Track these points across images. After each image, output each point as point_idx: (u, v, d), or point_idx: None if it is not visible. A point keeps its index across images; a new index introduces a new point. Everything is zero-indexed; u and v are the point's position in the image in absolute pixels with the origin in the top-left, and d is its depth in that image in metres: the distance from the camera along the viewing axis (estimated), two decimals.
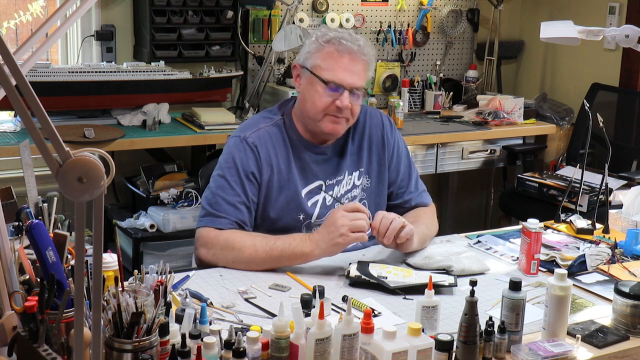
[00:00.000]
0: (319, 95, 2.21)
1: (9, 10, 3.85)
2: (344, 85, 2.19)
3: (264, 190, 2.24)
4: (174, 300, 1.76)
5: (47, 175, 1.85)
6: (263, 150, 2.25)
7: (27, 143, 1.62)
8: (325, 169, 2.33)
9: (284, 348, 1.51)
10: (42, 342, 1.37)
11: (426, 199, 2.48)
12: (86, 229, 1.21)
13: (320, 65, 2.21)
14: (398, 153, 2.44)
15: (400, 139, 2.47)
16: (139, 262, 3.44)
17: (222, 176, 2.23)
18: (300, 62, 2.27)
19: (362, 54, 2.22)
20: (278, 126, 2.31)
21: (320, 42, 2.22)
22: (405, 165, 2.45)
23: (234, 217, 2.18)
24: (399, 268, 2.08)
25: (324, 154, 2.33)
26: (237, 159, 2.23)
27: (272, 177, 2.25)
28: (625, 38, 2.42)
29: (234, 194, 2.20)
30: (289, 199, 2.26)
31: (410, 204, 2.44)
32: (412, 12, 4.61)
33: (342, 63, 2.20)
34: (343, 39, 2.21)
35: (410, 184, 2.45)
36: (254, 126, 2.30)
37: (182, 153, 3.95)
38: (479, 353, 1.62)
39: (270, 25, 4.15)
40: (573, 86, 4.64)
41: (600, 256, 2.22)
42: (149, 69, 3.69)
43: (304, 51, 2.27)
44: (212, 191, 2.23)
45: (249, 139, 2.25)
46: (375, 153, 2.40)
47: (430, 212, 2.45)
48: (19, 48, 1.26)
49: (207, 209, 2.20)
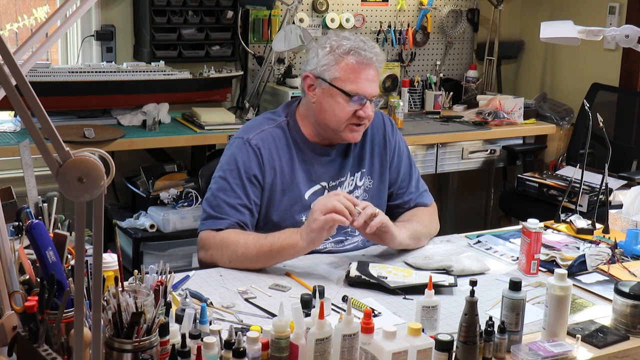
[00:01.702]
0: (340, 107, 2.21)
1: (9, 10, 3.85)
2: (367, 96, 2.21)
3: (267, 192, 2.24)
4: (174, 300, 1.76)
5: (47, 175, 1.85)
6: (266, 152, 2.24)
7: (27, 143, 1.62)
8: (328, 171, 2.33)
9: (284, 348, 1.51)
10: (42, 342, 1.37)
11: (427, 199, 2.48)
12: (86, 229, 1.21)
13: (341, 77, 2.21)
14: (399, 153, 2.44)
15: (401, 139, 2.47)
16: (139, 262, 3.44)
17: (223, 178, 2.22)
18: (316, 74, 2.25)
19: (379, 62, 2.24)
20: (281, 128, 2.30)
21: (339, 54, 2.21)
22: (406, 166, 2.45)
23: (235, 218, 2.18)
24: (399, 268, 2.08)
25: (328, 156, 2.33)
26: (240, 161, 2.22)
27: (275, 179, 2.25)
28: (625, 38, 2.42)
29: (235, 196, 2.20)
30: (292, 201, 2.26)
31: (410, 204, 2.44)
32: (412, 12, 4.61)
33: (363, 74, 2.21)
34: (360, 49, 2.21)
35: (411, 185, 2.45)
36: (257, 128, 2.29)
37: (182, 153, 3.95)
38: (479, 353, 1.62)
39: (270, 25, 4.15)
40: (573, 86, 4.64)
41: (600, 256, 2.22)
42: (149, 69, 3.69)
43: (319, 63, 2.24)
44: (213, 193, 2.22)
45: (252, 141, 2.25)
46: (377, 154, 2.40)
47: (429, 211, 2.45)
48: (19, 48, 1.26)
49: (208, 211, 2.21)
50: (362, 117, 2.22)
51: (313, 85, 2.26)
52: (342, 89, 2.20)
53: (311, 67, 2.27)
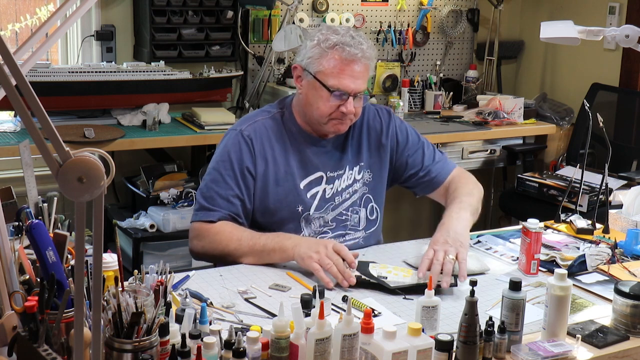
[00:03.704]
0: (323, 101, 2.21)
1: (9, 10, 3.85)
2: (349, 92, 2.20)
3: (259, 182, 2.26)
4: (174, 300, 1.76)
5: (47, 175, 1.85)
6: (258, 143, 2.26)
7: (27, 143, 1.62)
8: (325, 161, 2.34)
9: (284, 348, 1.51)
10: (42, 342, 1.37)
11: (449, 166, 2.47)
12: (86, 229, 1.21)
13: (324, 71, 2.20)
14: (402, 137, 2.44)
15: (400, 122, 2.46)
16: (139, 262, 3.44)
17: (216, 170, 2.26)
18: (303, 65, 2.26)
19: (365, 58, 2.21)
20: (275, 119, 2.32)
21: (323, 48, 2.20)
22: (414, 144, 2.44)
23: (227, 210, 2.21)
24: (399, 268, 2.08)
25: (323, 146, 2.34)
26: (232, 152, 2.25)
27: (268, 169, 2.26)
28: (625, 38, 2.42)
29: (228, 188, 2.22)
30: (287, 190, 2.27)
31: (439, 179, 2.44)
32: (412, 12, 4.61)
33: (347, 70, 2.19)
34: (346, 44, 2.19)
35: (425, 159, 2.44)
36: (250, 119, 2.32)
37: (182, 153, 3.95)
38: (479, 353, 1.62)
39: (270, 25, 4.15)
40: (573, 86, 4.63)
41: (600, 256, 2.22)
42: (149, 69, 3.69)
43: (306, 54, 2.25)
44: (207, 184, 2.26)
45: (245, 131, 2.27)
46: (375, 148, 2.40)
47: (459, 176, 2.45)
48: (19, 48, 1.26)
49: (202, 202, 2.24)
50: (345, 113, 2.21)
51: (300, 76, 2.28)
52: (324, 83, 2.20)
53: (299, 58, 2.29)
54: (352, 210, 2.37)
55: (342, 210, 2.36)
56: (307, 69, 2.24)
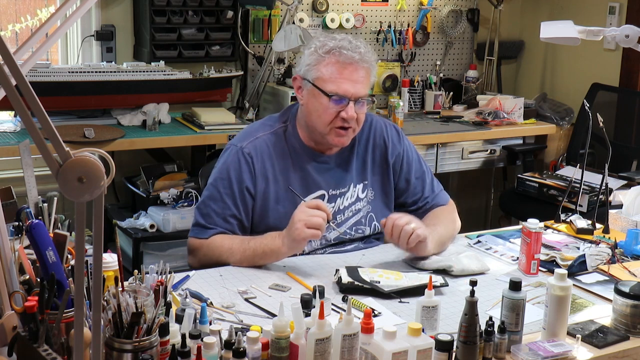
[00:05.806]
0: (323, 108, 2.18)
1: (8, 11, 3.85)
2: (348, 96, 2.17)
3: (259, 201, 2.24)
4: (174, 300, 1.76)
5: (47, 175, 1.85)
6: (258, 161, 2.23)
7: (27, 143, 1.62)
8: (327, 179, 2.30)
9: (284, 348, 1.51)
10: (42, 342, 1.37)
11: (443, 199, 2.45)
12: (86, 229, 1.21)
13: (322, 77, 2.18)
14: (408, 161, 2.41)
15: (409, 145, 2.44)
16: (139, 262, 3.44)
17: (215, 187, 2.23)
18: (301, 74, 2.24)
19: (364, 62, 2.19)
20: (277, 134, 2.29)
21: (320, 54, 2.18)
22: (417, 171, 2.42)
23: (223, 228, 2.20)
24: (389, 272, 2.05)
25: (326, 163, 2.31)
26: (232, 170, 2.23)
27: (268, 188, 2.24)
28: (625, 38, 2.42)
29: (225, 207, 2.21)
30: (287, 209, 2.20)
31: (426, 207, 2.41)
32: (412, 12, 4.61)
33: (344, 74, 2.17)
34: (343, 48, 2.17)
35: (425, 189, 2.42)
36: (252, 135, 2.28)
37: (182, 153, 3.95)
38: (479, 353, 1.63)
39: (270, 25, 4.15)
40: (573, 86, 4.63)
41: (600, 256, 2.22)
42: (149, 69, 3.69)
43: (304, 63, 2.23)
44: (204, 201, 2.25)
45: (245, 149, 2.24)
46: (379, 166, 2.37)
47: (448, 210, 2.42)
48: (19, 48, 1.26)
49: (198, 218, 2.23)
50: (346, 119, 2.18)
51: (301, 87, 2.25)
52: (322, 89, 2.18)
53: (298, 68, 2.27)
54: (357, 230, 2.34)
55: (346, 229, 2.32)
56: (306, 77, 2.22)
